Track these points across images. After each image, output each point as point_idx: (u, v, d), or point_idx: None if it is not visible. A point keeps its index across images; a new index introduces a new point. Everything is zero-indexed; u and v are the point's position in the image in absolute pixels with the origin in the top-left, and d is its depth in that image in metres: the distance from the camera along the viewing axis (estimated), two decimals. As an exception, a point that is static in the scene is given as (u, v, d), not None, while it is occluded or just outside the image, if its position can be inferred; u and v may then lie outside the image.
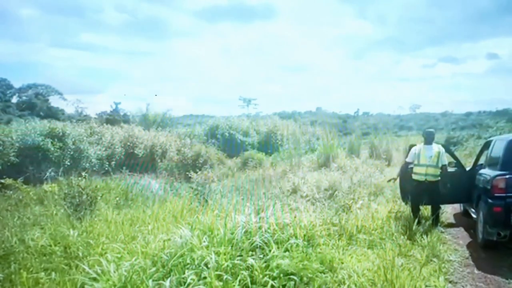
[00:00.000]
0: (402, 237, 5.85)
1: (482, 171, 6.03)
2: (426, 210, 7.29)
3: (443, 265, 4.83)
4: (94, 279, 3.60)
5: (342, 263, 4.72)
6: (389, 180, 7.51)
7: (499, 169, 5.34)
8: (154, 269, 3.73)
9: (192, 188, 9.16)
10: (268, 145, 19.47)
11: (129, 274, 3.61)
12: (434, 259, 4.91)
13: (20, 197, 8.26)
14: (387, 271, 4.15)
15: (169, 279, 3.45)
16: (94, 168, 12.60)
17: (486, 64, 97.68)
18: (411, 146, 7.80)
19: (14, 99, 35.72)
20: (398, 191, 7.85)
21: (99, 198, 7.56)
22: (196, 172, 10.55)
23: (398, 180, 7.46)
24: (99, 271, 3.81)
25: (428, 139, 6.69)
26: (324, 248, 5.08)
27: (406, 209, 7.17)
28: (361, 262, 4.93)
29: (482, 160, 6.86)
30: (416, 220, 6.17)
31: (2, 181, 8.58)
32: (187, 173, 10.93)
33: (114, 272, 3.72)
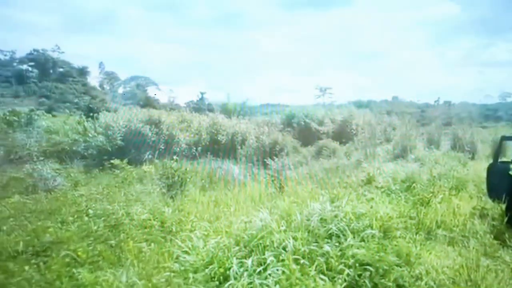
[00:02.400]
0: (488, 236, 5.30)
1: None
2: None
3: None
4: (186, 253, 3.90)
5: (419, 258, 4.45)
6: None
7: None
8: (237, 248, 3.92)
9: (269, 175, 9.32)
10: (342, 135, 18.86)
11: (215, 250, 3.85)
12: (527, 263, 4.34)
13: (125, 176, 9.21)
14: (470, 271, 3.80)
15: (250, 258, 3.59)
16: (183, 153, 13.51)
17: None
18: (502, 138, 6.97)
19: (120, 90, 39.89)
20: (484, 186, 7.07)
21: (188, 180, 8.09)
22: (273, 159, 10.69)
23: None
24: (190, 246, 4.13)
25: None
26: (401, 241, 4.83)
27: (493, 206, 6.45)
28: (440, 259, 4.60)
29: None
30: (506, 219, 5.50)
31: (112, 161, 9.62)
32: (265, 159, 11.13)
33: (203, 248, 3.99)
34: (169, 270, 3.70)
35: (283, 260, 3.62)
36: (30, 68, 39.63)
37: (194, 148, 14.04)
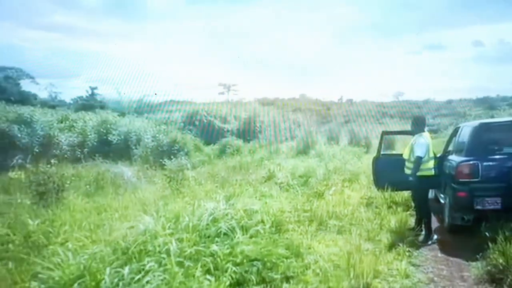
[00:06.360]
0: (374, 222, 6.00)
1: (449, 157, 6.19)
2: (397, 196, 7.43)
3: (408, 249, 4.94)
4: (50, 269, 3.53)
5: (310, 248, 4.81)
6: None
7: (464, 155, 5.48)
8: (114, 257, 3.70)
9: (166, 176, 9.11)
10: (247, 132, 19.45)
11: (88, 262, 3.57)
12: (400, 244, 5.02)
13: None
14: (351, 256, 4.24)
15: (128, 266, 3.43)
16: (66, 155, 12.36)
17: (471, 52, 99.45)
18: (383, 133, 7.95)
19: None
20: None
21: (67, 185, 7.44)
22: (171, 159, 10.48)
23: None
24: (59, 261, 3.76)
25: (423, 126, 5.86)
26: (293, 234, 5.16)
27: (378, 195, 7.34)
28: (329, 247, 5.04)
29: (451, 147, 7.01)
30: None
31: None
32: (162, 160, 10.85)
33: (74, 260, 3.67)
34: (26, 291, 3.31)
35: (165, 265, 3.53)
36: None
37: (79, 150, 12.94)
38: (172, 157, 11.33)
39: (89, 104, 26.56)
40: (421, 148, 5.37)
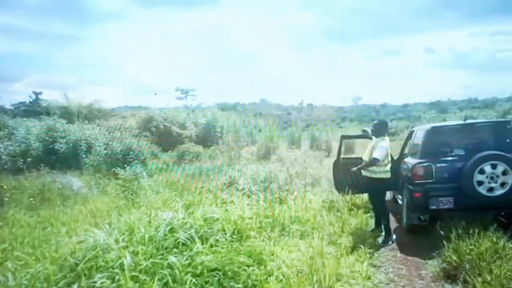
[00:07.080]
0: (336, 225, 6.12)
1: (405, 159, 6.48)
2: (357, 199, 7.68)
3: (369, 250, 5.09)
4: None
5: (273, 254, 4.81)
6: None
7: (418, 157, 5.77)
8: (61, 274, 3.50)
9: (120, 185, 8.81)
10: (207, 138, 19.28)
11: (30, 282, 3.35)
12: (361, 246, 5.16)
13: None
14: (313, 260, 4.30)
15: (76, 284, 3.25)
16: (6, 166, 11.58)
17: (423, 58, 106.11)
18: (342, 137, 8.19)
19: None
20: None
21: (7, 199, 6.99)
22: (125, 168, 10.15)
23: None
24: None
25: (385, 130, 5.99)
26: (254, 241, 5.13)
27: (339, 198, 7.53)
28: (291, 252, 5.07)
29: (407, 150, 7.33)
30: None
31: None
32: (115, 169, 10.48)
33: (13, 281, 3.43)
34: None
35: (119, 280, 3.39)
36: None
37: (21, 160, 12.17)
38: (126, 165, 10.99)
39: (32, 110, 25.25)
40: (381, 151, 5.58)
